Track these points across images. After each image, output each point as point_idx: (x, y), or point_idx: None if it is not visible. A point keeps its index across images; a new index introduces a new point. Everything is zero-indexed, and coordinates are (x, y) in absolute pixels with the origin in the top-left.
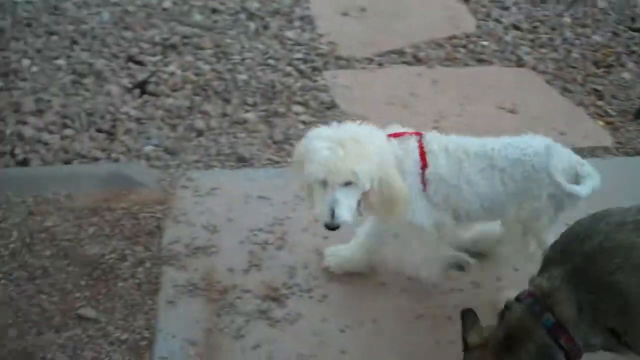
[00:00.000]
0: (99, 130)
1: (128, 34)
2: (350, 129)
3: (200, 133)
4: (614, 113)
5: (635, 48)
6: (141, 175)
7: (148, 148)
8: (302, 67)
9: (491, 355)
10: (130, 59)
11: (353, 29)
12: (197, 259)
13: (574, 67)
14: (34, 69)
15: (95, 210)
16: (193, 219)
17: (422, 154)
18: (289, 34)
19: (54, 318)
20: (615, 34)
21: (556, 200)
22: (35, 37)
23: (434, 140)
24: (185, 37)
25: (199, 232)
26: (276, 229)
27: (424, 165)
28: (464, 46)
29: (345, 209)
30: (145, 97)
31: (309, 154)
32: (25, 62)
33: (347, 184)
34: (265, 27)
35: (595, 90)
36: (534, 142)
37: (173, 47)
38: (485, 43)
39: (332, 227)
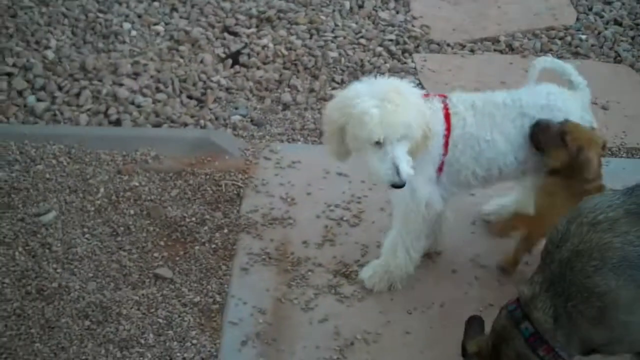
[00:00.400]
0: (190, 97)
1: (226, 5)
2: (386, 83)
3: (286, 106)
4: None
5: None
6: (226, 143)
7: (235, 117)
8: (393, 48)
9: None
10: (226, 29)
11: (448, 13)
12: (273, 229)
13: None
14: (134, 32)
15: (179, 173)
16: (272, 190)
17: (447, 116)
18: (383, 14)
19: (132, 275)
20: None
21: None
22: (138, 2)
23: (460, 101)
24: (280, 11)
25: (277, 203)
26: (352, 207)
27: (448, 128)
28: (562, 38)
29: (406, 163)
30: (237, 67)
31: (353, 117)
32: (126, 25)
33: (401, 138)
34: (360, 7)
35: None
36: (550, 89)
37: (268, 20)
38: (583, 37)
39: (400, 184)
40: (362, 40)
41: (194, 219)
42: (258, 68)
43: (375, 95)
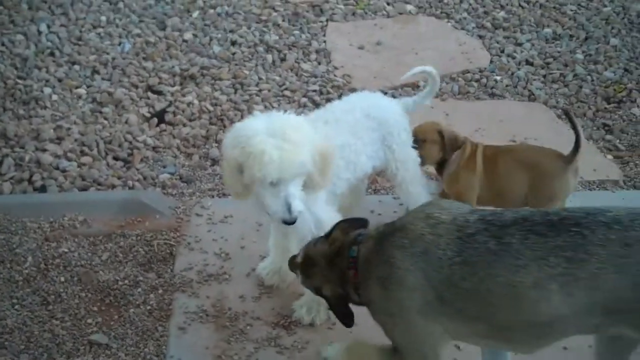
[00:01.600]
0: (116, 158)
1: (148, 64)
2: (281, 118)
3: (215, 162)
4: (623, 147)
5: None
6: (156, 202)
7: (164, 176)
8: (317, 98)
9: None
10: (150, 88)
11: (368, 62)
12: (209, 286)
13: (584, 102)
14: (55, 97)
15: (109, 236)
16: (206, 246)
17: None
18: (305, 66)
19: (66, 344)
20: (627, 70)
21: None
22: (57, 66)
23: (315, 121)
24: (203, 67)
25: (212, 259)
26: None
27: None
28: (477, 80)
29: (299, 200)
30: (163, 126)
31: (252, 156)
32: (47, 90)
33: (295, 176)
34: (282, 59)
35: (605, 125)
36: (370, 94)
37: (192, 77)
38: (498, 77)
39: (291, 222)
40: (287, 92)
41: (127, 281)
42: (184, 125)
43: (273, 134)
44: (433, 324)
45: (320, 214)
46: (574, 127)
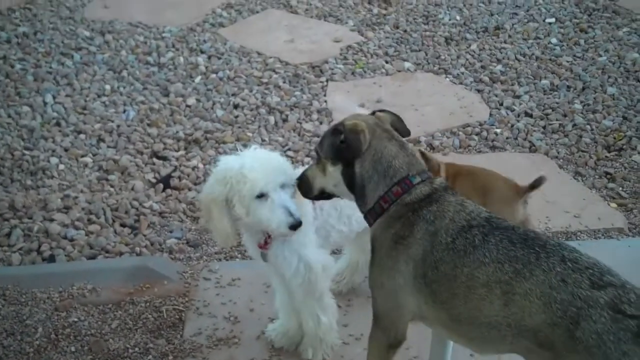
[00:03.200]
0: (123, 225)
1: (153, 130)
2: (254, 151)
3: None
4: (626, 195)
5: None
6: (164, 268)
7: (171, 241)
8: None
9: None
10: (155, 154)
11: None
12: (219, 350)
13: (585, 152)
14: (61, 167)
15: (118, 304)
16: (215, 310)
17: None
18: (307, 126)
19: None
20: (625, 118)
21: None
22: (63, 136)
23: None
24: (207, 132)
25: (221, 323)
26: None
27: None
28: (478, 134)
29: (295, 206)
30: (168, 191)
31: (234, 178)
32: (54, 160)
33: (283, 185)
34: (285, 120)
35: (607, 173)
36: None
37: (196, 141)
38: (498, 130)
39: (297, 222)
40: (290, 153)
41: (137, 349)
42: (189, 189)
43: (253, 157)
44: (410, 297)
45: (310, 258)
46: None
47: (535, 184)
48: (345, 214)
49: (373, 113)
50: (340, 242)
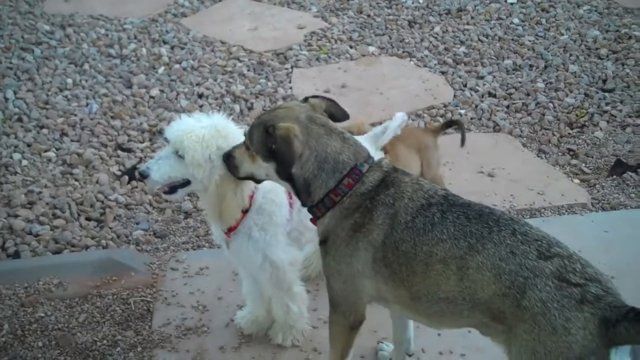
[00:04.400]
0: (89, 219)
1: (116, 123)
2: (218, 117)
3: (188, 214)
4: (588, 171)
5: (607, 108)
6: (130, 260)
7: (137, 233)
8: None
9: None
10: (119, 146)
11: None
12: (188, 340)
13: (548, 129)
14: (24, 162)
15: (85, 297)
16: (183, 300)
17: None
18: None
19: None
20: (587, 95)
21: None
22: (25, 132)
23: None
24: (172, 122)
25: (189, 313)
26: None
27: (291, 196)
28: (442, 115)
29: (157, 164)
30: (134, 183)
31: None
32: (16, 156)
33: (177, 154)
34: (250, 108)
35: (570, 150)
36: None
37: (160, 132)
38: (462, 111)
39: (140, 173)
40: None
41: (105, 341)
42: None
43: (205, 119)
44: (369, 281)
45: (275, 258)
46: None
47: (449, 124)
48: None
49: (306, 100)
50: (313, 239)
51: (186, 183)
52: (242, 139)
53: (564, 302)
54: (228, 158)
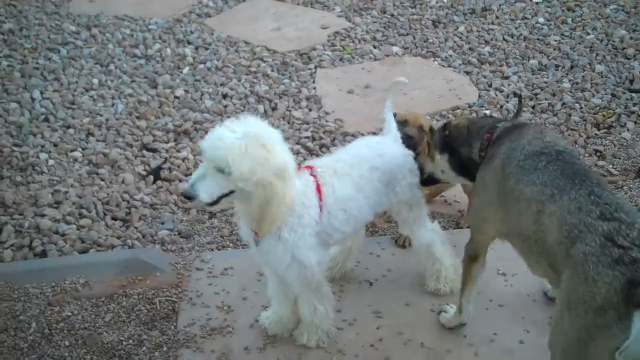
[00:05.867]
0: (115, 218)
1: (142, 123)
2: (257, 123)
3: (212, 215)
4: (616, 172)
5: (634, 108)
6: (156, 260)
7: (163, 233)
8: (310, 144)
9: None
10: (144, 146)
11: (358, 106)
12: (213, 340)
13: (574, 130)
14: (51, 162)
15: (111, 297)
16: (208, 300)
17: (318, 188)
18: (297, 113)
19: None
20: (614, 95)
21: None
22: (52, 131)
23: (324, 170)
24: (196, 122)
25: (214, 313)
26: None
27: (321, 198)
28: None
29: (203, 183)
30: (159, 183)
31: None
32: (43, 155)
33: (220, 170)
34: (274, 109)
35: (597, 151)
36: (374, 139)
37: (185, 133)
38: (487, 112)
39: (187, 194)
40: None
41: (131, 341)
42: (180, 180)
43: (239, 127)
44: (492, 211)
45: (304, 259)
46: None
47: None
48: (352, 215)
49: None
50: (342, 241)
51: (229, 193)
52: (276, 137)
53: (601, 258)
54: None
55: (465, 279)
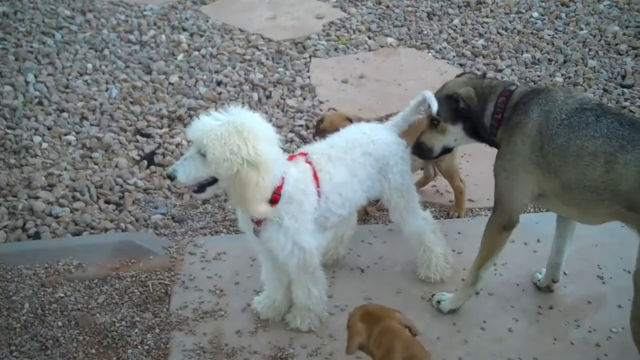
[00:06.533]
0: (108, 202)
1: (136, 108)
2: (244, 113)
3: (206, 200)
4: None
5: (625, 103)
6: (149, 243)
7: (156, 217)
8: (304, 133)
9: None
10: (138, 132)
11: (352, 95)
12: (205, 323)
13: None
14: (45, 145)
15: (105, 279)
16: (200, 284)
17: (315, 174)
18: (291, 102)
19: None
20: (606, 90)
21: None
22: (46, 115)
23: (319, 157)
24: (190, 108)
25: (207, 297)
26: None
27: (318, 185)
28: None
29: (183, 166)
30: (153, 167)
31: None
32: (37, 139)
33: (202, 154)
34: (268, 97)
35: None
36: (366, 126)
37: (179, 119)
38: None
39: (168, 175)
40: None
41: (123, 322)
42: None
43: (227, 115)
44: (529, 176)
45: (304, 244)
46: None
47: None
48: (347, 199)
49: (459, 75)
50: (338, 224)
51: (213, 181)
52: (263, 130)
53: None
54: (418, 148)
55: (492, 249)
